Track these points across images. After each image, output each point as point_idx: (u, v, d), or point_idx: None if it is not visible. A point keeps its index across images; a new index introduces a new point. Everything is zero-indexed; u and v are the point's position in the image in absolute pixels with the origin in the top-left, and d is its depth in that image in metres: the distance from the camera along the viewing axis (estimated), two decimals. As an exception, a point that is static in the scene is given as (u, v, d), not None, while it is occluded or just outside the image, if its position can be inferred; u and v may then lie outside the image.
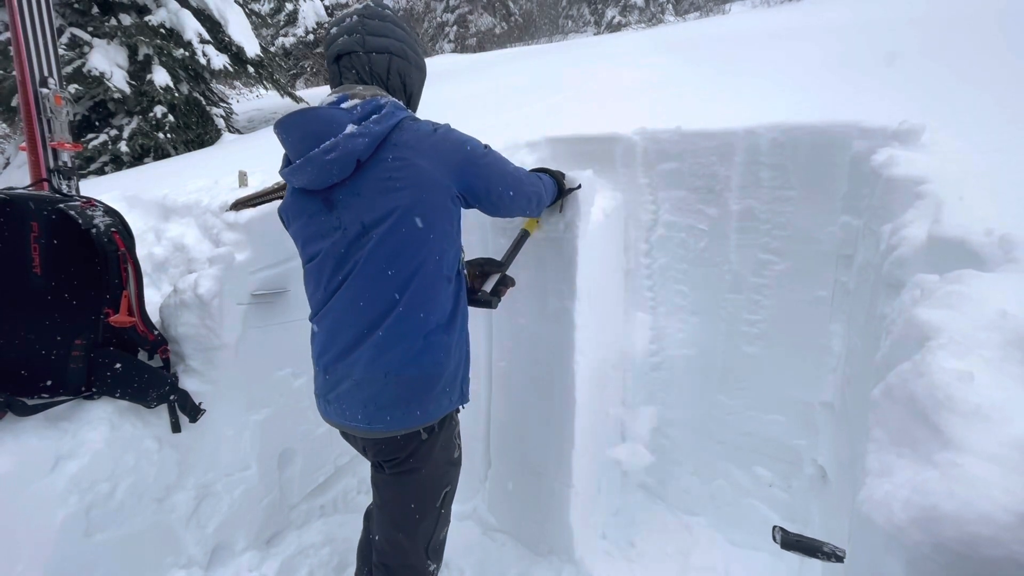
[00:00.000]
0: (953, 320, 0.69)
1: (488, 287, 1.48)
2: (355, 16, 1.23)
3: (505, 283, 1.51)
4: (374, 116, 1.13)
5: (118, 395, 1.52)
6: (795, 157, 1.69)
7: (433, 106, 1.38)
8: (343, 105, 1.15)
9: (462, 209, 1.27)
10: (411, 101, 1.35)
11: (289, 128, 1.15)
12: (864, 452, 0.65)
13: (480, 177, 1.22)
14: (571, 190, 1.61)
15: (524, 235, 1.66)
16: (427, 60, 1.38)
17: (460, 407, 1.34)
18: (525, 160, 1.96)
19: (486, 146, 1.26)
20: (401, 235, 1.14)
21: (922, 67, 2.14)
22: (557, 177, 1.58)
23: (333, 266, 1.19)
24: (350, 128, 1.11)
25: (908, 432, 0.59)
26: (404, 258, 1.15)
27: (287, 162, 1.20)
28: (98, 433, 1.48)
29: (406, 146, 1.14)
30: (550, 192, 1.53)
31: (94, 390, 1.49)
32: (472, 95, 4.05)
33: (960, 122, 1.56)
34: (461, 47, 19.72)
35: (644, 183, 1.96)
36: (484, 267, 1.51)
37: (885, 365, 0.80)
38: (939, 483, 0.48)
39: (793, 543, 0.98)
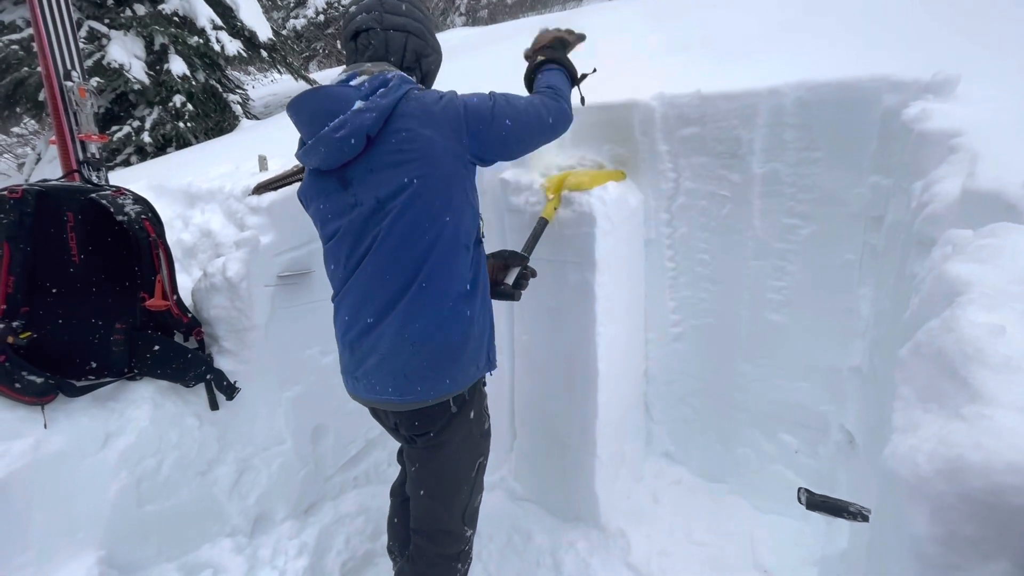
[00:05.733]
0: (985, 274, 0.67)
1: (510, 279, 1.49)
2: None
3: (527, 274, 1.52)
4: (380, 90, 1.13)
5: (158, 375, 1.60)
6: (821, 116, 1.63)
7: (442, 82, 1.38)
8: (352, 83, 1.16)
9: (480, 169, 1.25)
10: (425, 80, 1.34)
11: (300, 108, 1.17)
12: (891, 411, 0.64)
13: (492, 130, 1.19)
14: (584, 76, 1.50)
15: (543, 223, 1.66)
16: (437, 36, 1.37)
17: (488, 374, 1.35)
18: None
19: (491, 95, 1.22)
20: (416, 208, 1.14)
21: (954, 17, 2.01)
22: (567, 66, 1.45)
23: (352, 243, 1.20)
24: (358, 104, 1.11)
25: (935, 388, 0.58)
26: (421, 230, 1.15)
27: (302, 144, 1.21)
28: (142, 412, 1.56)
29: (412, 117, 1.14)
30: (567, 100, 1.39)
31: (136, 371, 1.57)
32: (483, 68, 3.98)
33: (997, 71, 1.47)
34: (472, 20, 19.29)
35: (664, 150, 1.92)
36: (507, 260, 1.52)
37: (914, 324, 0.79)
38: (965, 435, 0.48)
39: (818, 504, 0.98)
